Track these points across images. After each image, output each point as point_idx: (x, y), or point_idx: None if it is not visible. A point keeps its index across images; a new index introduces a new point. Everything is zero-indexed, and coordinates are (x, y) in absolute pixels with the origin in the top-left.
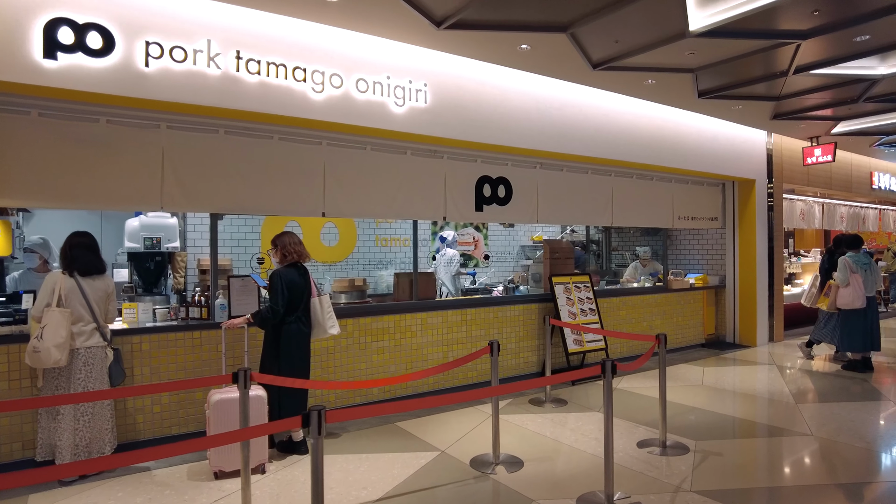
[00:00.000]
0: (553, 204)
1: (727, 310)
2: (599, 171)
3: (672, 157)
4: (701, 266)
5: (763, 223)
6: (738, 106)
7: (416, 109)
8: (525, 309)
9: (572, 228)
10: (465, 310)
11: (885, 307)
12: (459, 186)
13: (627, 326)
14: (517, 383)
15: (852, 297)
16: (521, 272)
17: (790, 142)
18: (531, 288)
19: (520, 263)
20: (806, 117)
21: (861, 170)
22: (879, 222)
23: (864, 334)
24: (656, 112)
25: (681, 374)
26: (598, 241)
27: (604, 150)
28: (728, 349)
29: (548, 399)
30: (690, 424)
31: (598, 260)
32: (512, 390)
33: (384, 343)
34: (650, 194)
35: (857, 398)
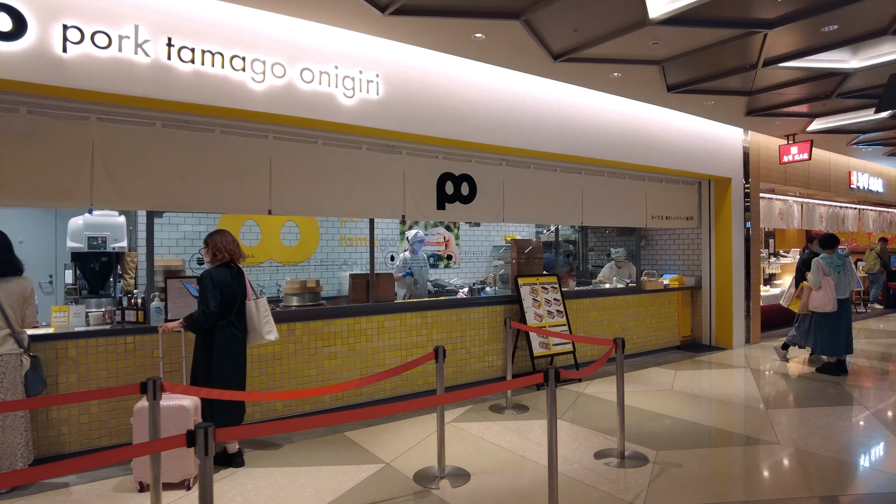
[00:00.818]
0: (520, 202)
1: (703, 311)
2: (569, 168)
3: (645, 154)
4: (677, 266)
5: (740, 223)
6: (711, 101)
7: (367, 101)
8: (490, 311)
9: (548, 228)
10: (426, 312)
11: (864, 307)
12: (420, 183)
13: (598, 329)
14: (461, 391)
15: (823, 300)
16: (494, 273)
17: (767, 140)
18: (499, 289)
19: (492, 264)
20: (781, 114)
21: (839, 169)
22: (859, 222)
23: (837, 337)
24: (628, 108)
25: (651, 379)
26: (574, 241)
27: (573, 147)
28: (703, 352)
29: (508, 405)
30: (653, 433)
31: (574, 261)
32: (456, 399)
33: (337, 348)
34: (622, 193)
35: (829, 403)
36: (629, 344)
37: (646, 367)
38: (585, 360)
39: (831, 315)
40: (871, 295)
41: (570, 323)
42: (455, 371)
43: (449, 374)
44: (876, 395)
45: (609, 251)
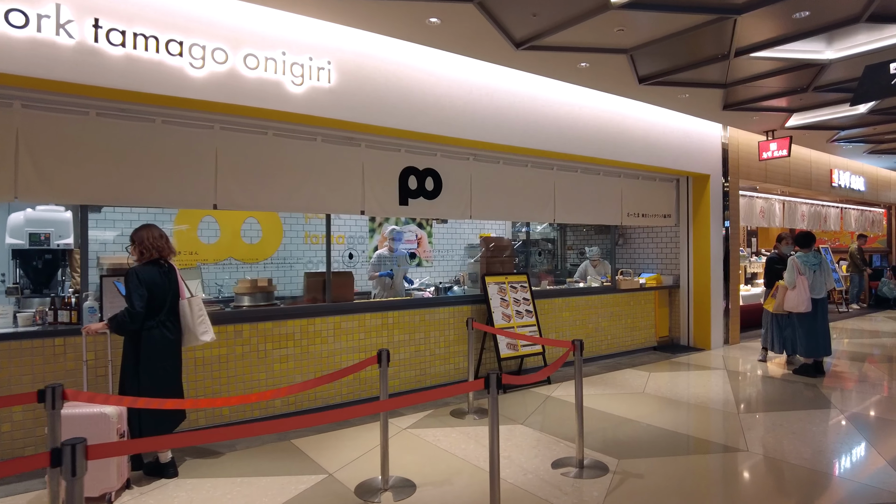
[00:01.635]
0: (488, 199)
1: (681, 311)
2: (540, 164)
3: (620, 150)
4: (655, 265)
5: (718, 220)
6: (685, 94)
7: (318, 90)
8: (457, 311)
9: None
10: (387, 313)
11: (845, 307)
12: (380, 178)
13: (571, 329)
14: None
15: (798, 300)
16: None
17: (747, 136)
18: (469, 288)
19: (467, 262)
20: (758, 108)
21: (821, 167)
22: (841, 221)
23: (814, 338)
24: (602, 103)
25: (624, 381)
26: (553, 239)
27: (545, 141)
28: (681, 352)
29: (471, 410)
30: (618, 439)
31: (553, 259)
32: (399, 405)
33: (288, 350)
34: (597, 190)
35: (804, 406)
36: (603, 344)
37: (620, 368)
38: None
39: (808, 315)
40: (850, 295)
41: (541, 323)
42: (418, 374)
43: (411, 377)
44: (852, 398)
45: (583, 249)
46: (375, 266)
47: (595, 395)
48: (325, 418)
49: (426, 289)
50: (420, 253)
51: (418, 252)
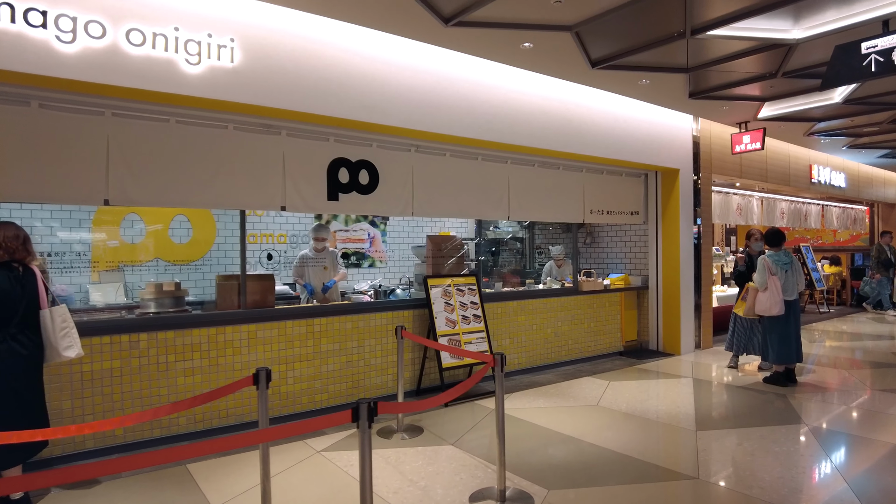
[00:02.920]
0: (434, 194)
1: (650, 314)
2: (492, 156)
3: (581, 142)
4: (623, 265)
5: (689, 218)
6: (645, 80)
7: (219, 70)
8: (396, 317)
9: (495, 224)
10: (313, 320)
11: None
12: (305, 170)
13: (527, 334)
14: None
15: (770, 302)
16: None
17: (719, 129)
18: (416, 291)
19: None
20: (727, 97)
21: (799, 163)
22: (822, 219)
23: (787, 343)
24: (559, 91)
25: (579, 392)
26: (521, 238)
27: (497, 132)
28: (648, 358)
29: (400, 428)
30: (553, 463)
31: (521, 259)
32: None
33: (194, 362)
34: (556, 185)
35: (770, 421)
36: (563, 350)
37: (579, 376)
38: (514, 370)
39: (780, 319)
40: (870, 299)
41: (492, 329)
42: (350, 386)
43: (342, 391)
44: (822, 412)
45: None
46: (298, 269)
47: (542, 409)
48: (191, 451)
49: (365, 293)
50: (373, 253)
51: (371, 252)
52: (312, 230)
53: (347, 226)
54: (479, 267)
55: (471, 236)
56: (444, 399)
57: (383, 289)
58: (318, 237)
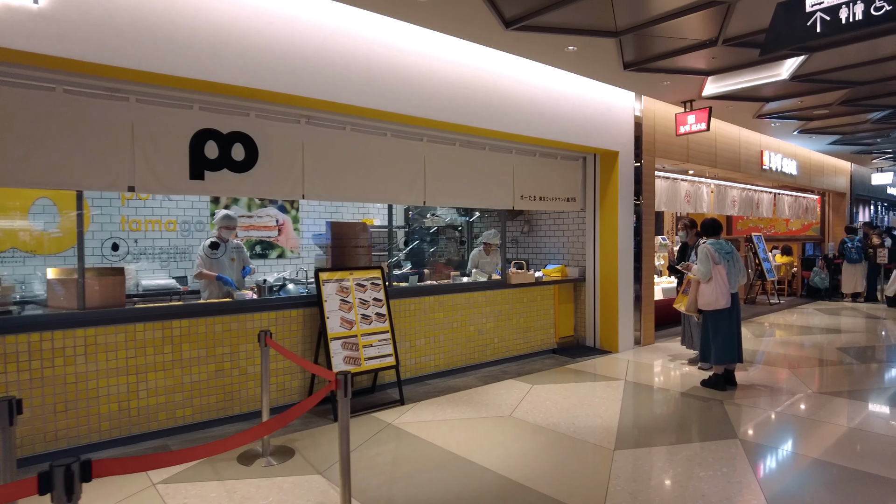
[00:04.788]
0: (329, 174)
1: (587, 308)
2: (404, 132)
3: (510, 120)
4: (562, 256)
5: (628, 205)
6: (572, 46)
7: (17, 12)
8: (281, 317)
9: (433, 212)
10: (171, 322)
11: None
12: (161, 143)
13: (445, 333)
14: None
15: (715, 294)
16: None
17: (665, 110)
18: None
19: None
20: (666, 69)
21: (751, 148)
22: (774, 208)
23: (729, 341)
24: (481, 61)
25: (494, 399)
26: (459, 227)
27: (409, 105)
28: (583, 356)
29: (266, 451)
30: (425, 497)
31: (459, 249)
32: None
33: (8, 376)
34: (482, 167)
35: (701, 435)
36: (488, 350)
37: (502, 378)
38: (429, 373)
39: (723, 315)
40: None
41: (402, 328)
42: (221, 399)
43: (210, 405)
44: (759, 423)
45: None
46: (205, 262)
47: (446, 422)
48: None
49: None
50: (283, 242)
51: (279, 241)
52: (220, 219)
53: (251, 211)
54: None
55: (400, 224)
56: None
57: (268, 284)
58: (227, 226)
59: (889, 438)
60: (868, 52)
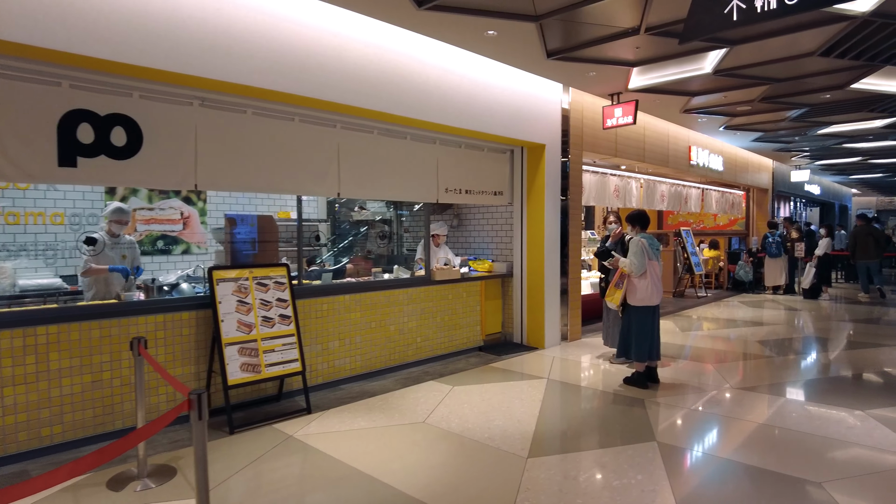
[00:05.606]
0: (228, 162)
1: (514, 304)
2: (315, 118)
3: (433, 109)
4: (491, 251)
5: (555, 198)
6: (491, 31)
7: None
8: (171, 320)
9: (361, 205)
10: (37, 328)
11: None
12: (20, 125)
13: (362, 334)
14: None
15: (649, 290)
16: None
17: (592, 104)
18: None
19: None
20: (590, 58)
21: (678, 143)
22: (702, 203)
23: (652, 337)
24: (400, 45)
25: (412, 403)
26: (389, 220)
27: (321, 88)
28: (509, 353)
29: (142, 473)
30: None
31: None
32: None
33: None
34: (404, 158)
35: (619, 439)
36: (410, 350)
37: (423, 380)
38: (343, 377)
39: (648, 311)
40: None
41: (315, 330)
42: (99, 415)
43: (86, 420)
44: (679, 423)
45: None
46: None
47: (354, 432)
48: None
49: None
50: (188, 237)
51: (184, 236)
52: (110, 212)
53: (152, 203)
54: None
55: (322, 217)
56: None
57: (157, 284)
58: (118, 220)
59: (801, 434)
60: (786, 48)
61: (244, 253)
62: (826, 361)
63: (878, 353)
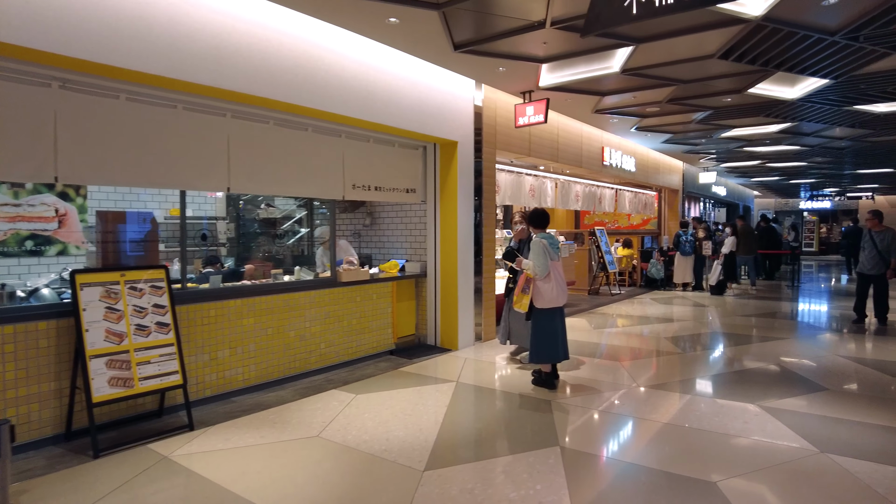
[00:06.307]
0: (96, 152)
1: (428, 305)
2: (201, 106)
3: (338, 100)
4: (405, 251)
5: (468, 197)
6: (393, 18)
7: None
8: (24, 331)
9: (268, 202)
10: None
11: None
12: None
13: (256, 342)
14: None
15: (556, 292)
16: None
17: (506, 103)
18: None
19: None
20: (498, 53)
21: (592, 144)
22: (615, 203)
23: (555, 337)
24: (307, 33)
25: (309, 415)
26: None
27: (204, 72)
28: (422, 356)
29: None
30: None
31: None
32: None
33: None
34: (304, 151)
35: (522, 444)
36: (313, 357)
37: (326, 389)
38: (225, 391)
39: (554, 313)
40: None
41: (202, 338)
42: None
43: None
44: (584, 426)
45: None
46: None
47: (238, 450)
48: None
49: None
50: (65, 237)
51: (60, 235)
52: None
53: (19, 199)
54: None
55: (220, 214)
56: None
57: (7, 290)
58: None
59: (702, 433)
60: (690, 50)
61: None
62: (729, 356)
63: (775, 346)
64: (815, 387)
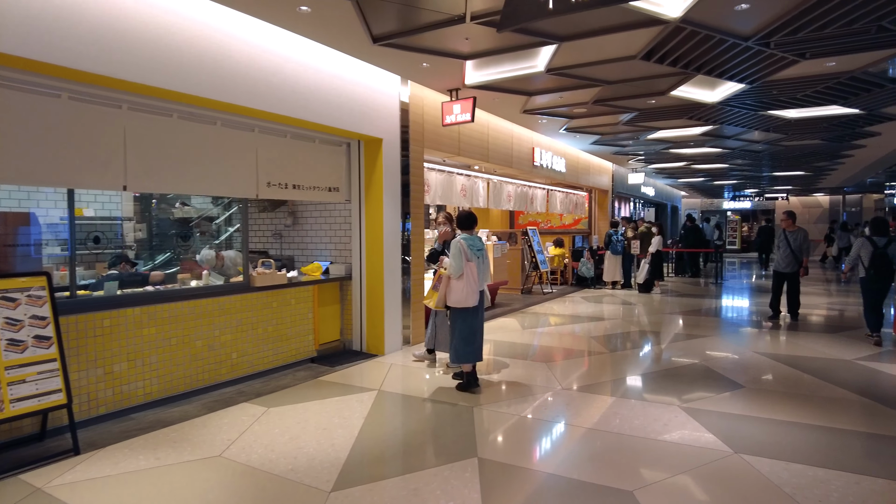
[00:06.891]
0: None
1: (354, 309)
2: (91, 96)
3: (249, 92)
4: (329, 252)
5: (395, 196)
6: (304, 7)
7: None
8: None
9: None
10: None
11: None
12: None
13: (159, 353)
14: None
15: (465, 292)
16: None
17: (434, 100)
18: None
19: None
20: (420, 48)
21: (522, 144)
22: (547, 203)
23: (476, 339)
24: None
25: (212, 432)
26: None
27: (94, 58)
28: (346, 362)
29: None
30: None
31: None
32: None
33: None
34: (212, 146)
35: (439, 457)
36: (223, 368)
37: (236, 402)
38: (123, 408)
39: (470, 313)
40: None
41: (85, 353)
42: None
43: None
44: (505, 433)
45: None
46: None
47: (128, 476)
48: None
49: None
50: None
51: None
52: None
53: None
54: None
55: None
56: None
57: None
58: None
59: (623, 437)
60: (613, 51)
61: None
62: (655, 354)
63: (698, 344)
64: (732, 385)
